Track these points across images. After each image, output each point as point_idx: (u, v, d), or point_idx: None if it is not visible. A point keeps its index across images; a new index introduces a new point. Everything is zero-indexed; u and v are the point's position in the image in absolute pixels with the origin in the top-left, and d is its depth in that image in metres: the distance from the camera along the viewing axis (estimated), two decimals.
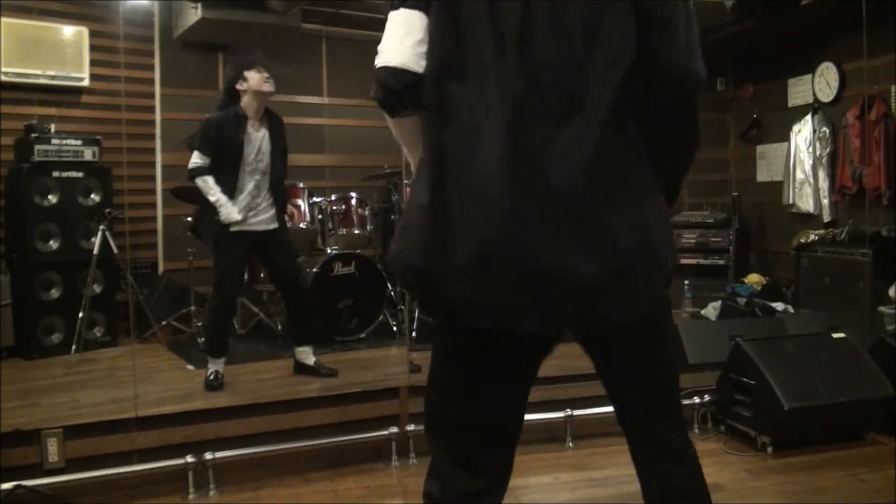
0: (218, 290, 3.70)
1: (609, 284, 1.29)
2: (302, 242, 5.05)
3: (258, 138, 3.64)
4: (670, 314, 1.61)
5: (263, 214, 3.66)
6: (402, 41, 1.36)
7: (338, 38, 5.97)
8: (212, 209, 3.58)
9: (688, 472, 1.53)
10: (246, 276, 4.96)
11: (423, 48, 1.35)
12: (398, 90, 1.36)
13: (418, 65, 1.35)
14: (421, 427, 3.20)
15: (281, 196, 3.79)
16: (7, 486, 2.61)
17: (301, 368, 3.86)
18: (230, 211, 3.56)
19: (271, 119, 3.74)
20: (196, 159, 3.62)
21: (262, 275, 4.98)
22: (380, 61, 1.37)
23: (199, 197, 3.71)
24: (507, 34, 1.29)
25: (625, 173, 1.33)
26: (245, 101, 3.62)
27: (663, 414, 1.53)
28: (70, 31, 4.90)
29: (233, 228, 3.58)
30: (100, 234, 4.37)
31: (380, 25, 1.40)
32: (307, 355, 3.86)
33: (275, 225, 3.71)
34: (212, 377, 3.60)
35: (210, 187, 3.58)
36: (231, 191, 3.58)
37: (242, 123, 3.59)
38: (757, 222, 6.33)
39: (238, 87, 3.61)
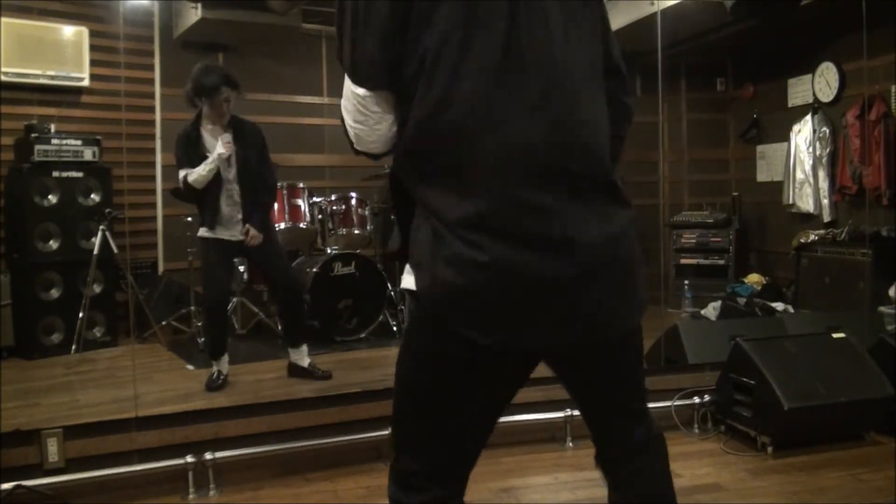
0: (204, 294, 3.74)
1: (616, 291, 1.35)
2: (302, 242, 5.05)
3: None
4: None
5: (239, 225, 3.65)
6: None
7: None
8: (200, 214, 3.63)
9: (661, 456, 1.58)
10: (245, 277, 4.97)
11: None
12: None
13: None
14: None
15: (259, 203, 3.71)
16: (7, 486, 2.61)
17: (295, 371, 3.86)
18: (199, 170, 3.56)
19: (238, 127, 3.67)
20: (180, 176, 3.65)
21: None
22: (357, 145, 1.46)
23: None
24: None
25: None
26: (204, 113, 3.63)
27: (642, 412, 1.57)
28: (70, 31, 4.90)
29: (211, 235, 3.62)
30: (100, 234, 4.38)
31: None
32: (301, 357, 3.86)
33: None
34: (213, 376, 3.60)
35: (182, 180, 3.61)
36: (212, 206, 3.61)
37: (200, 138, 3.62)
38: (757, 222, 6.33)
39: (196, 104, 3.62)
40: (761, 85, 6.25)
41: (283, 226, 4.84)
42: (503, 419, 3.57)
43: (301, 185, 4.93)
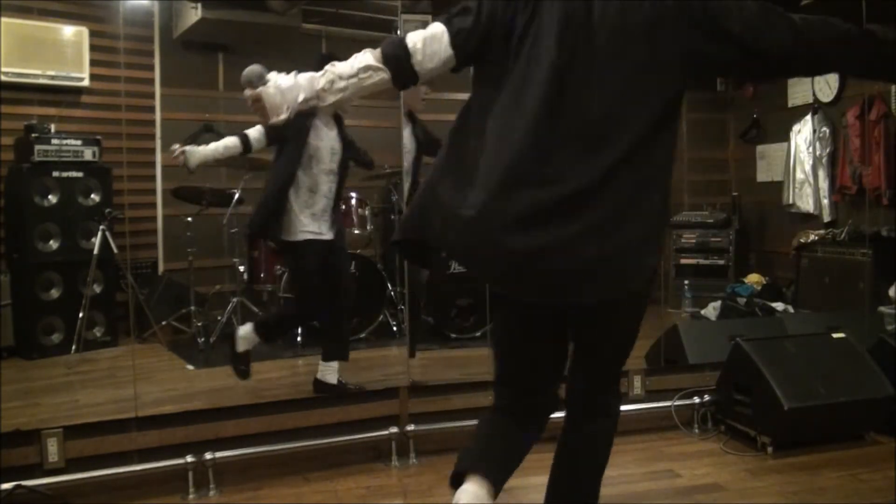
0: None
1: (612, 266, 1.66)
2: None
3: (330, 137, 3.46)
4: (646, 302, 1.88)
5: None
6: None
7: (338, 38, 5.95)
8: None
9: (612, 424, 2.00)
10: (245, 277, 4.98)
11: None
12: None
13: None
14: (421, 427, 3.22)
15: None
16: (7, 486, 2.61)
17: (320, 387, 3.52)
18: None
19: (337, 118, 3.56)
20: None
21: (262, 275, 4.98)
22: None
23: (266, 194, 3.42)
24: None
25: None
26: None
27: (616, 378, 1.97)
28: (70, 31, 4.90)
29: (309, 237, 3.38)
30: (100, 234, 4.37)
31: (380, 25, 1.41)
32: (331, 373, 3.54)
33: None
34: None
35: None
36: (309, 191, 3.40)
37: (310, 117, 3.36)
38: (757, 222, 6.33)
39: None
40: (761, 85, 6.25)
41: None
42: None
43: None
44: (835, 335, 3.45)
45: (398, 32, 3.72)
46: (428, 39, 1.68)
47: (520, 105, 1.61)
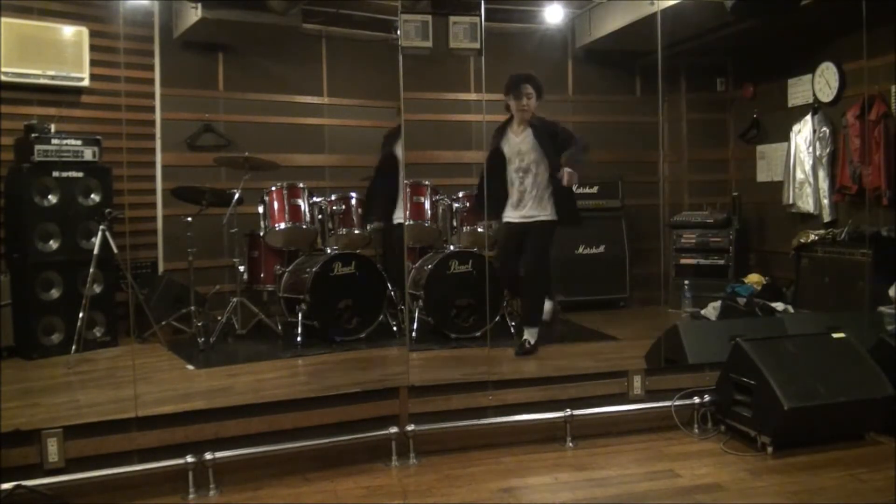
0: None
1: None
2: (302, 242, 5.05)
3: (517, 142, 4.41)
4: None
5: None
6: None
7: (338, 38, 5.97)
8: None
9: None
10: (246, 277, 4.98)
11: None
12: None
13: None
14: (421, 427, 3.22)
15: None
16: (7, 486, 2.61)
17: (523, 350, 4.28)
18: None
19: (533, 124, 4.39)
20: None
21: (262, 275, 4.99)
22: None
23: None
24: None
25: None
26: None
27: None
28: (70, 31, 4.90)
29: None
30: (100, 234, 4.37)
31: (380, 25, 1.41)
32: (531, 335, 4.34)
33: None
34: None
35: None
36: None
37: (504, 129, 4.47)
38: (757, 222, 6.32)
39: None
40: (761, 85, 6.25)
41: (282, 226, 4.85)
42: (503, 419, 3.58)
43: (301, 185, 4.93)
44: (835, 335, 3.45)
45: (398, 32, 3.73)
46: None
47: None
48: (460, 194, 5.03)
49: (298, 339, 4.52)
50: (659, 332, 3.98)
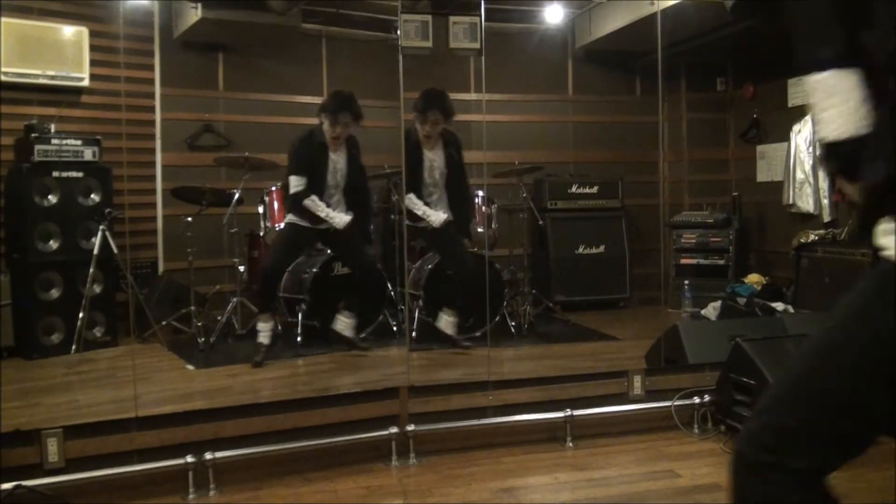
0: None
1: None
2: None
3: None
4: None
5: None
6: (840, 110, 1.37)
7: (338, 38, 5.97)
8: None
9: None
10: (246, 277, 4.98)
11: (863, 108, 1.34)
12: (854, 159, 1.36)
13: (862, 128, 1.34)
14: (421, 427, 3.22)
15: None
16: (7, 486, 2.61)
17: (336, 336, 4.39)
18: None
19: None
20: None
21: None
22: (826, 135, 1.38)
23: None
24: None
25: None
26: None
27: None
28: (70, 31, 4.90)
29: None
30: (100, 234, 4.37)
31: (380, 25, 1.41)
32: (346, 327, 4.39)
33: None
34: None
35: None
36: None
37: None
38: (757, 222, 6.33)
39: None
40: (761, 85, 6.24)
41: (282, 226, 4.85)
42: (503, 419, 3.58)
43: None
44: None
45: (398, 32, 3.73)
46: None
47: None
48: None
49: (298, 339, 4.52)
50: (659, 332, 3.98)
